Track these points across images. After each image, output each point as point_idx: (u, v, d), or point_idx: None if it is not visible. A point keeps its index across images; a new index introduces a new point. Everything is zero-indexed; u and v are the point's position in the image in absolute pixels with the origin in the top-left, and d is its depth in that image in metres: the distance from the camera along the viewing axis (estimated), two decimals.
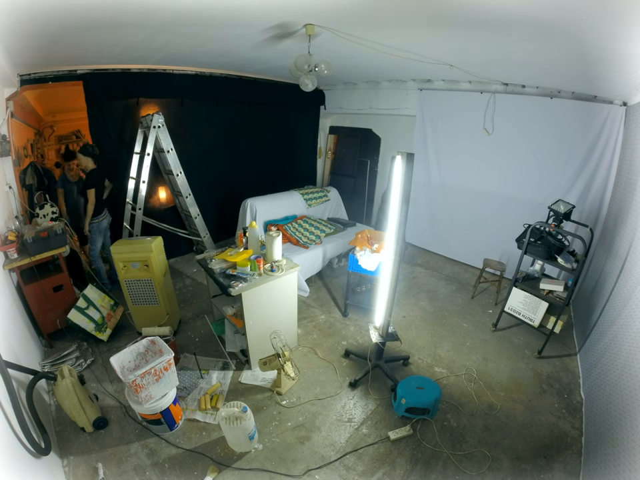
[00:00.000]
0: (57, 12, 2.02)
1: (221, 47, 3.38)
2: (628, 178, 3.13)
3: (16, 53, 2.66)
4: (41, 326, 3.20)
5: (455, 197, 5.03)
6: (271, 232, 3.01)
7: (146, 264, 3.17)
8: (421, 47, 3.09)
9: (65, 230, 3.23)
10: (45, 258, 3.10)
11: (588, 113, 3.67)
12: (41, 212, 3.35)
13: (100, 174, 3.85)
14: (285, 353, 2.71)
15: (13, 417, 1.80)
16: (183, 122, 4.65)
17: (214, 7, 2.18)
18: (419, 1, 1.98)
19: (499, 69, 3.69)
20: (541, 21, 2.02)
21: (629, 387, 2.04)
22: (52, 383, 2.39)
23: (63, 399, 2.31)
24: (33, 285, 3.08)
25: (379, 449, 2.48)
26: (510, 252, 4.41)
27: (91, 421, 2.45)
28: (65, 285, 3.30)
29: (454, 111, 4.67)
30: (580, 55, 2.50)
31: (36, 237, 2.99)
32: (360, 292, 4.17)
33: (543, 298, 3.28)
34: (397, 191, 2.39)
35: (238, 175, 5.64)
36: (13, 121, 3.30)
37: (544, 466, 2.37)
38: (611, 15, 1.77)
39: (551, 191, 4.02)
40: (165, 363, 2.32)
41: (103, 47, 3.05)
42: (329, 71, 2.98)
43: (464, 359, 3.34)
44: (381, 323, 2.90)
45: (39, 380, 2.20)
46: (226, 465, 2.33)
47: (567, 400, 2.89)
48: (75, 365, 2.99)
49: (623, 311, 2.48)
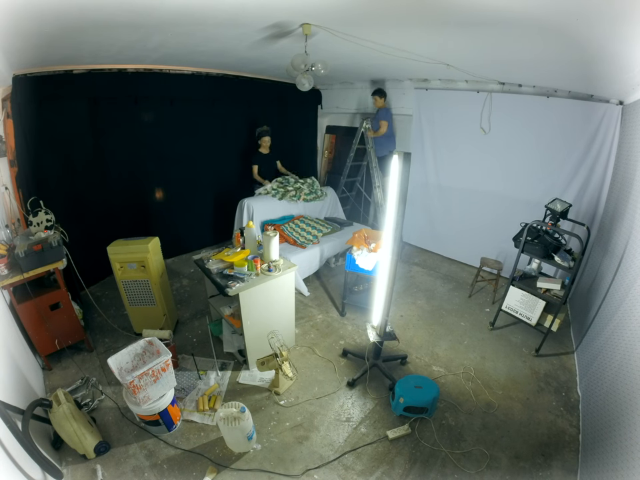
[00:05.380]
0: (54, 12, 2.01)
1: (218, 47, 3.37)
2: (624, 177, 3.14)
3: (12, 53, 2.65)
4: (37, 347, 2.93)
5: (452, 196, 5.03)
6: (268, 232, 3.01)
7: (142, 264, 3.16)
8: (418, 47, 3.09)
9: (61, 242, 2.93)
10: (39, 273, 2.80)
11: (584, 112, 3.68)
12: (34, 220, 3.03)
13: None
14: (283, 353, 2.70)
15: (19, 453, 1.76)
16: (179, 122, 4.64)
17: (211, 6, 2.17)
18: (415, 1, 1.98)
19: (495, 69, 3.70)
20: (536, 20, 2.03)
21: (626, 384, 2.05)
22: (48, 410, 2.21)
23: (60, 426, 2.17)
24: (27, 303, 2.77)
25: (378, 448, 2.48)
26: (507, 251, 4.42)
27: (92, 447, 2.29)
28: (62, 302, 3.02)
29: (451, 110, 4.67)
30: (576, 54, 2.51)
31: (28, 251, 2.67)
32: (357, 291, 4.18)
33: (540, 296, 3.29)
34: (394, 190, 2.39)
35: (235, 174, 5.63)
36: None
37: (542, 464, 2.38)
38: (606, 15, 1.78)
39: (547, 190, 4.03)
40: (162, 363, 2.31)
41: (100, 47, 3.04)
42: (326, 70, 2.99)
43: (462, 357, 3.34)
44: (378, 322, 2.90)
45: (34, 409, 2.02)
46: (224, 466, 2.32)
47: (565, 398, 2.90)
48: (81, 405, 2.52)
49: (619, 309, 2.49)
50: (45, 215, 3.10)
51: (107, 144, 4.05)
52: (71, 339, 3.15)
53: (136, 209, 4.57)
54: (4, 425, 1.73)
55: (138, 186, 4.51)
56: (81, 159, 3.89)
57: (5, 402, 1.83)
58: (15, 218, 3.30)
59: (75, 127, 3.74)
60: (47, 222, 3.10)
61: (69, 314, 3.08)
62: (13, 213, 3.28)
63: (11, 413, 1.83)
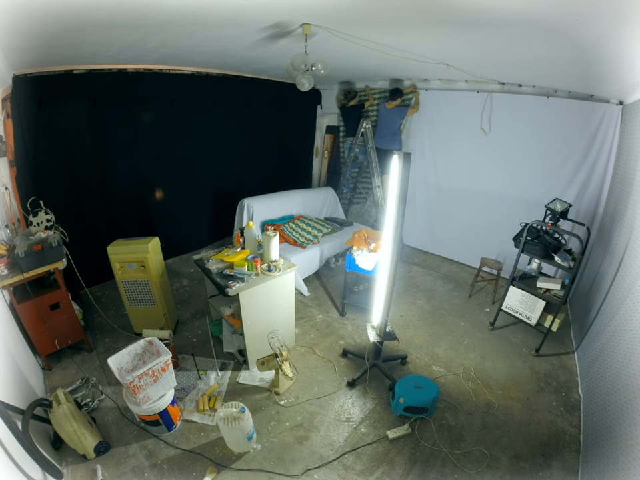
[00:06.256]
0: (54, 12, 2.01)
1: (217, 47, 3.36)
2: (624, 177, 3.14)
3: (12, 53, 2.65)
4: (37, 347, 2.93)
5: (452, 196, 5.03)
6: (268, 232, 3.01)
7: (143, 264, 3.15)
8: (418, 46, 3.09)
9: (61, 242, 2.92)
10: (39, 274, 2.80)
11: (584, 112, 3.69)
12: (34, 220, 3.02)
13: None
14: (283, 353, 2.70)
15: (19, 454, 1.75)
16: (179, 122, 4.64)
17: (210, 6, 2.17)
18: (415, 1, 1.98)
19: (495, 68, 3.70)
20: (536, 21, 2.02)
21: (626, 384, 2.05)
22: (48, 410, 2.21)
23: (60, 426, 2.17)
24: (27, 303, 2.77)
25: (378, 448, 2.48)
26: (507, 251, 4.42)
27: (92, 447, 2.29)
28: (62, 302, 3.01)
29: (451, 111, 4.67)
30: (576, 54, 2.50)
31: (28, 251, 2.67)
32: (357, 291, 4.18)
33: (540, 296, 3.29)
34: (394, 190, 2.39)
35: (235, 174, 5.63)
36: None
37: (542, 464, 2.38)
38: (606, 15, 1.78)
39: (547, 190, 4.03)
40: (162, 363, 2.31)
41: (100, 47, 3.03)
42: (326, 70, 2.98)
43: (462, 357, 3.34)
44: (378, 322, 2.90)
45: (34, 409, 2.02)
46: (224, 466, 2.32)
47: (565, 398, 2.90)
48: (81, 405, 2.53)
49: (620, 309, 2.49)
50: (45, 215, 3.09)
51: (106, 144, 4.04)
52: (71, 339, 3.15)
53: (136, 209, 4.57)
54: (4, 425, 1.73)
55: (138, 186, 4.50)
56: (81, 159, 3.88)
57: (5, 402, 1.83)
58: (15, 218, 3.30)
59: (75, 127, 3.74)
60: (46, 222, 3.09)
61: (69, 314, 3.08)
62: (13, 213, 3.28)
63: (11, 412, 1.83)
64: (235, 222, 4.76)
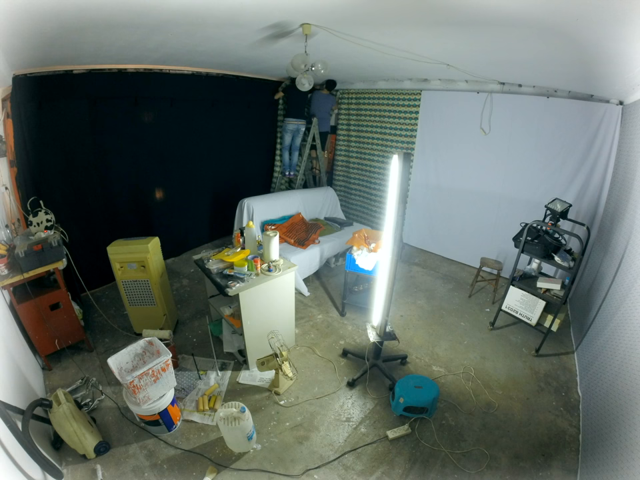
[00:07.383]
0: (53, 12, 2.00)
1: (217, 47, 3.36)
2: (624, 177, 3.14)
3: (12, 53, 2.65)
4: (37, 347, 2.93)
5: (452, 197, 5.03)
6: (268, 232, 3.01)
7: (143, 264, 3.16)
8: (418, 47, 3.08)
9: (61, 242, 2.92)
10: (39, 273, 2.80)
11: (584, 112, 3.69)
12: (34, 220, 3.02)
13: None
14: (283, 353, 2.70)
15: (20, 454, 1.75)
16: (179, 122, 4.64)
17: (210, 6, 2.17)
18: (415, 1, 1.98)
19: (495, 68, 3.69)
20: (537, 21, 2.02)
21: (626, 384, 2.05)
22: (48, 410, 2.21)
23: (60, 426, 2.17)
24: (27, 303, 2.77)
25: (378, 448, 2.48)
26: (507, 251, 4.43)
27: (92, 447, 2.29)
28: (62, 302, 3.01)
29: (451, 111, 4.67)
30: (576, 55, 2.50)
31: (28, 251, 2.67)
32: (357, 291, 4.17)
33: (540, 296, 3.29)
34: (394, 190, 2.39)
35: (235, 174, 5.63)
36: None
37: (542, 464, 2.38)
38: (606, 15, 1.77)
39: (547, 190, 4.03)
40: (162, 363, 2.31)
41: (100, 47, 3.03)
42: (326, 70, 2.98)
43: (462, 357, 3.34)
44: (378, 322, 2.90)
45: (34, 409, 2.02)
46: (224, 466, 2.32)
47: (565, 398, 2.90)
48: (81, 405, 2.52)
49: (619, 309, 2.49)
50: (45, 215, 3.10)
51: (107, 144, 4.04)
52: (71, 339, 3.15)
53: (136, 209, 4.57)
54: (4, 425, 1.73)
55: (138, 186, 4.50)
56: (81, 159, 3.88)
57: (5, 402, 1.83)
58: (15, 218, 3.29)
59: (75, 126, 3.73)
60: (46, 222, 3.09)
61: (69, 314, 3.08)
62: (13, 213, 3.27)
63: (11, 412, 1.82)
64: (235, 222, 4.76)
